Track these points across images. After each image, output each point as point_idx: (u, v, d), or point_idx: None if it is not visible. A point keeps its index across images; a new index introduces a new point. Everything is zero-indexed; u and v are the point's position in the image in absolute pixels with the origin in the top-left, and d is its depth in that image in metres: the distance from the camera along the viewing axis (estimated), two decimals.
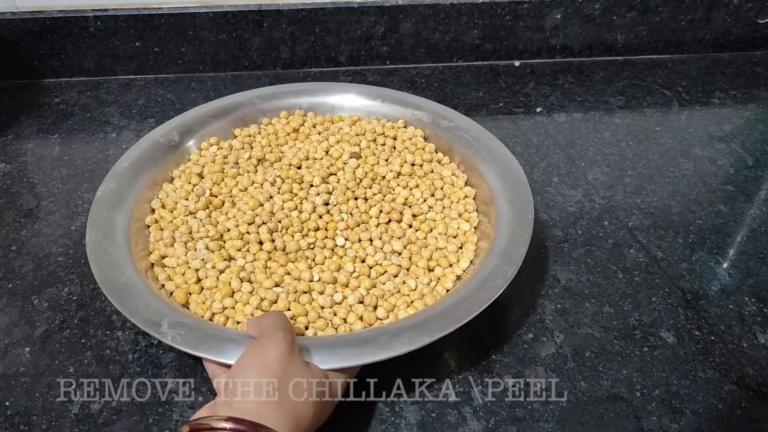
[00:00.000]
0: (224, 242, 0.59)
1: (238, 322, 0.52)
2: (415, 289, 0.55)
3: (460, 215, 0.62)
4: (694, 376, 0.51)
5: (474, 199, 0.63)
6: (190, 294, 0.54)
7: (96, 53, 0.86)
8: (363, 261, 0.58)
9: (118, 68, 0.88)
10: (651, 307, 0.57)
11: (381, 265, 0.57)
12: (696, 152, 0.77)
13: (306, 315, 0.52)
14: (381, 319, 0.52)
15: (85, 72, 0.88)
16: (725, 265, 0.62)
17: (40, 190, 0.69)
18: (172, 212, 0.61)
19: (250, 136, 0.71)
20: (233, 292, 0.54)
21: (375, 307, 0.53)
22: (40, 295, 0.57)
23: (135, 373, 0.51)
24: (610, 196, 0.70)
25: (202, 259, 0.56)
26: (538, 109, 0.84)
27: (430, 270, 0.57)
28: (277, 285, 0.54)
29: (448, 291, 0.54)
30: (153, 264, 0.56)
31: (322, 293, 0.54)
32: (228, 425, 0.37)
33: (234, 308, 0.53)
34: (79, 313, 0.55)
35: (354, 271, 0.56)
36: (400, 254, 0.58)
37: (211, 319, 0.52)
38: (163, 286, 0.54)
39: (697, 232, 0.65)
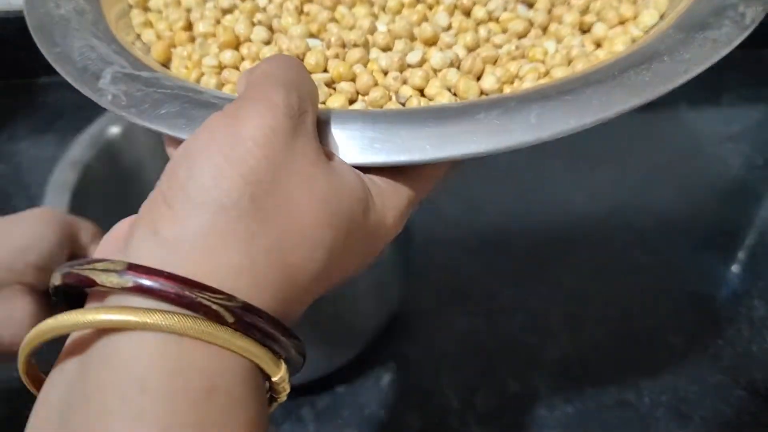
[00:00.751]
0: None
1: None
2: (555, 53, 0.32)
3: None
4: (702, 380, 0.51)
5: None
6: (175, 48, 0.34)
7: None
8: (468, 15, 0.35)
9: None
10: (658, 311, 0.56)
11: (498, 20, 0.34)
12: (705, 152, 0.76)
13: (353, 80, 0.31)
14: (487, 95, 0.31)
15: None
16: (734, 268, 0.61)
17: (34, 191, 0.69)
18: None
19: None
20: (239, 42, 0.34)
21: (479, 77, 0.32)
22: None
23: None
24: (617, 196, 0.69)
25: None
26: None
27: (585, 31, 0.34)
28: (313, 37, 0.34)
29: None
30: (131, 6, 0.37)
31: (386, 50, 0.33)
32: (127, 280, 0.19)
33: (239, 68, 0.33)
34: None
35: (450, 27, 0.34)
36: (532, 5, 0.35)
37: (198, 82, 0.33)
38: (138, 37, 0.35)
39: (705, 234, 0.65)
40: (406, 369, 0.48)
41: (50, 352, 0.20)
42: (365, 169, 0.25)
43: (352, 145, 0.25)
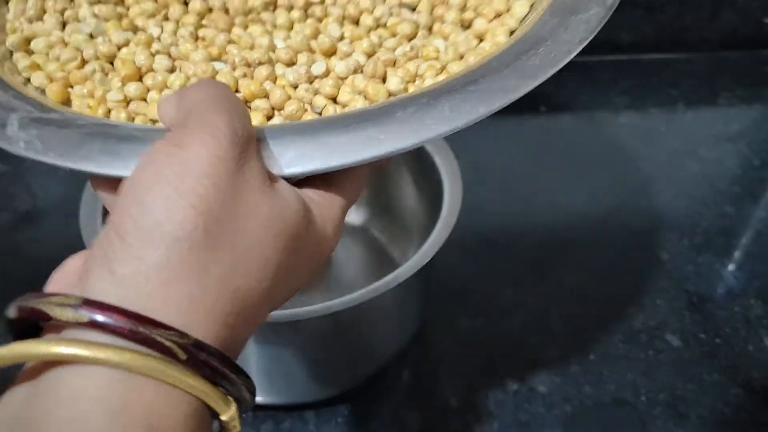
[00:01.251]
0: (127, 9, 0.37)
1: (154, 122, 0.31)
2: (446, 50, 0.35)
3: None
4: (699, 379, 0.51)
5: None
6: (72, 88, 0.33)
7: None
8: (356, 23, 0.37)
9: None
10: (656, 310, 0.56)
11: (386, 26, 0.36)
12: (702, 153, 0.76)
13: (266, 96, 0.32)
14: (395, 96, 0.33)
15: None
16: (731, 268, 0.61)
17: (35, 191, 0.69)
18: None
19: None
20: (141, 73, 0.33)
21: (384, 80, 0.34)
22: None
23: None
24: (615, 197, 0.69)
25: (90, 33, 0.35)
26: (542, 109, 0.83)
27: (466, 27, 0.37)
28: (215, 60, 0.34)
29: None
30: (12, 52, 0.35)
31: (291, 65, 0.34)
32: (82, 315, 0.19)
33: (146, 100, 0.32)
34: None
35: (343, 37, 0.36)
36: (414, 8, 0.37)
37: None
38: (28, 80, 0.33)
39: (702, 234, 0.65)
40: (406, 368, 0.48)
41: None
42: (298, 183, 0.26)
43: (284, 156, 0.26)
